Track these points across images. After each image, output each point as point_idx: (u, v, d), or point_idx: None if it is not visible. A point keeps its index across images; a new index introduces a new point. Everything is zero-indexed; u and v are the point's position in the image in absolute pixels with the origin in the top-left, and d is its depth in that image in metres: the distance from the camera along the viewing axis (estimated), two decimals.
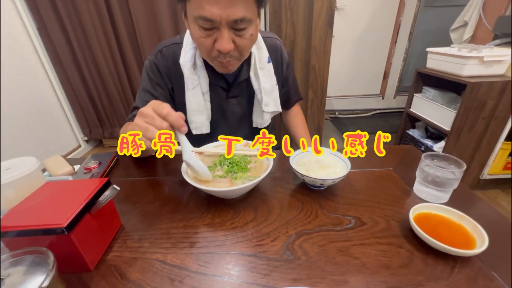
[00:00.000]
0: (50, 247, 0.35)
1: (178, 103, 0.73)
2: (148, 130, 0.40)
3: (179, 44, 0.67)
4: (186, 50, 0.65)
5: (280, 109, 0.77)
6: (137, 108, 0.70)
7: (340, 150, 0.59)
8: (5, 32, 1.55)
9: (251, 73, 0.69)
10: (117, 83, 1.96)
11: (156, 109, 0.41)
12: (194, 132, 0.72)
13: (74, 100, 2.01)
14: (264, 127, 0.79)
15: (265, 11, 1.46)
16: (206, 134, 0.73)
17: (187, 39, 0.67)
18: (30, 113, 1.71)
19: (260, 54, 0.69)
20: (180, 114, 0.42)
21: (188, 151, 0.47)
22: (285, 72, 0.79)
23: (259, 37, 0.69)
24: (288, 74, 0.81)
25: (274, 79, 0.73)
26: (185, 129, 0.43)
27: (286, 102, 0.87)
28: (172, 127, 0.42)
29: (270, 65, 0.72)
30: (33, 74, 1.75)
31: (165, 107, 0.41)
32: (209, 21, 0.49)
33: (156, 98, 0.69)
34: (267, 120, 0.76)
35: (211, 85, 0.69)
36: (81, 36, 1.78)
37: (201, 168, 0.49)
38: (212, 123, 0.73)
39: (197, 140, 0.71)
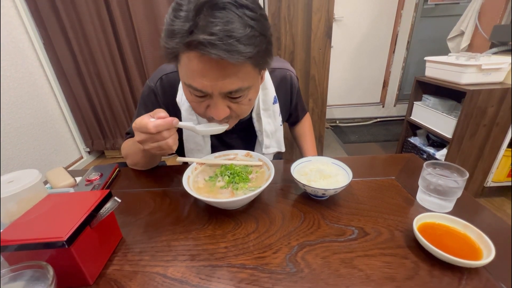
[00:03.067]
0: (49, 260, 0.34)
1: None
2: (161, 148, 0.46)
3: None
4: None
5: (283, 149, 0.73)
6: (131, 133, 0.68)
7: (341, 158, 0.58)
8: (12, 47, 1.59)
9: (254, 114, 0.66)
10: (120, 95, 1.99)
11: (141, 129, 0.45)
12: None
13: (77, 113, 2.04)
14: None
15: None
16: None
17: None
18: (34, 125, 1.73)
19: (265, 95, 0.64)
20: (166, 119, 0.45)
21: (192, 125, 0.51)
22: (295, 99, 0.76)
23: (267, 75, 0.63)
24: (297, 100, 0.79)
25: (279, 120, 0.68)
26: (177, 121, 0.46)
27: (295, 122, 0.88)
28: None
29: (276, 105, 0.66)
30: (38, 87, 1.78)
31: (148, 124, 0.44)
32: (200, 91, 0.45)
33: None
34: (268, 155, 0.74)
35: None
36: (85, 50, 1.82)
37: (211, 127, 0.51)
38: (212, 145, 0.71)
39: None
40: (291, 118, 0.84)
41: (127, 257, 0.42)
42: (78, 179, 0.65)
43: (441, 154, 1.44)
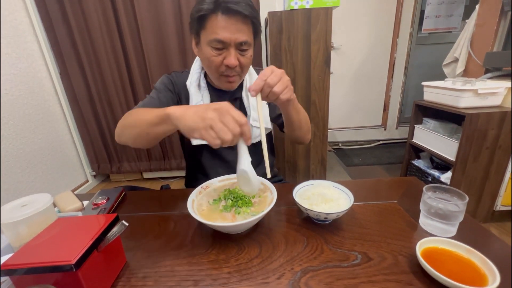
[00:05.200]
0: (55, 284, 0.35)
1: None
2: (222, 131, 0.43)
3: (189, 73, 0.81)
4: (192, 74, 0.78)
5: (270, 127, 0.83)
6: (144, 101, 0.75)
7: (343, 182, 0.60)
8: (31, 77, 1.71)
9: (243, 94, 0.81)
10: None
11: (234, 115, 0.45)
12: (194, 142, 0.76)
13: (86, 137, 2.11)
14: (257, 142, 0.78)
15: (267, 54, 1.59)
16: (205, 145, 0.77)
17: (193, 67, 0.80)
18: (44, 149, 1.79)
19: (251, 78, 0.81)
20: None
21: (248, 161, 0.49)
22: None
23: (251, 67, 0.81)
24: None
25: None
26: (250, 142, 0.48)
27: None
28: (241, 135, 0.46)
29: None
30: (51, 113, 1.87)
31: (245, 118, 0.46)
32: (221, 42, 0.63)
33: (164, 99, 0.75)
34: (257, 136, 0.78)
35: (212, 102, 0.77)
36: (98, 79, 1.94)
37: (255, 180, 0.50)
38: None
39: (197, 149, 0.80)
40: (278, 116, 0.84)
41: (131, 282, 0.42)
42: (85, 202, 0.66)
43: (446, 177, 1.43)
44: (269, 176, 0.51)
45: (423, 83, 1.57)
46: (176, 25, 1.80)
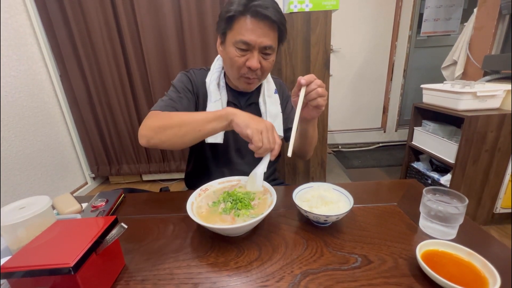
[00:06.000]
0: (53, 287, 0.35)
1: None
2: (267, 139, 0.55)
3: (206, 71, 0.81)
4: (212, 73, 0.79)
5: (282, 134, 0.83)
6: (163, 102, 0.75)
7: (343, 184, 0.59)
8: (31, 79, 1.71)
9: (260, 99, 0.81)
10: (128, 122, 2.07)
11: (275, 134, 0.57)
12: (209, 140, 0.76)
13: (85, 139, 2.10)
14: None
15: None
16: (219, 144, 0.78)
17: (214, 65, 0.81)
18: (43, 152, 1.78)
19: (268, 85, 0.82)
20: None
21: (263, 170, 0.59)
22: (289, 108, 0.87)
23: (268, 76, 0.81)
24: (289, 110, 0.87)
25: (279, 107, 0.83)
26: (273, 158, 0.57)
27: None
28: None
29: (276, 95, 0.83)
30: (51, 115, 1.87)
31: (280, 140, 0.58)
32: (246, 44, 0.65)
33: (185, 102, 0.76)
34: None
35: (229, 103, 0.80)
36: (98, 81, 1.94)
37: (259, 184, 0.60)
38: (226, 135, 0.79)
39: (210, 148, 0.81)
40: (287, 130, 0.86)
41: (130, 285, 0.42)
42: (84, 205, 0.66)
43: (445, 179, 1.43)
44: (290, 155, 0.58)
45: (422, 85, 1.58)
46: (176, 28, 1.80)
